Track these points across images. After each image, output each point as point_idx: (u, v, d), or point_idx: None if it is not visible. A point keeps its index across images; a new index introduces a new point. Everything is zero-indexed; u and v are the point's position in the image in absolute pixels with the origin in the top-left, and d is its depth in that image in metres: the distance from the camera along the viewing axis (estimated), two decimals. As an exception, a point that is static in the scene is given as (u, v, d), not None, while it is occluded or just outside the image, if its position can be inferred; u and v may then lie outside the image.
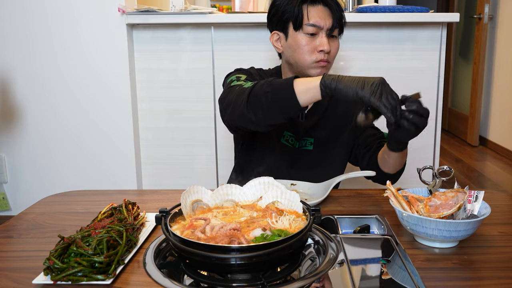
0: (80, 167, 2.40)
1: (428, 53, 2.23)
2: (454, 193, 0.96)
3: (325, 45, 1.27)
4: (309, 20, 1.27)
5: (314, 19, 1.27)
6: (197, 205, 0.97)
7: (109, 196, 1.28)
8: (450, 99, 5.25)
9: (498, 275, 0.82)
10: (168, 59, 2.30)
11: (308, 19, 1.27)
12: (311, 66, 1.30)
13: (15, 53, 2.30)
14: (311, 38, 1.28)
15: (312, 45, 1.28)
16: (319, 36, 1.28)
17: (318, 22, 1.27)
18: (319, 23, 1.27)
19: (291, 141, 1.40)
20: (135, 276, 0.82)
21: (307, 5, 1.28)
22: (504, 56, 4.10)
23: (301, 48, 1.29)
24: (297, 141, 1.40)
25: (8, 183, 2.47)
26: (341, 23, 1.31)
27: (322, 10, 1.28)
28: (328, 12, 1.28)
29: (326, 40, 1.27)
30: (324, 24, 1.27)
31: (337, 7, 1.30)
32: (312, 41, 1.28)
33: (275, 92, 1.07)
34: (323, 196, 1.17)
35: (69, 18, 2.26)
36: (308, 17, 1.27)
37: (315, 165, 1.40)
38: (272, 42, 1.37)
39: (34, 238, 1.00)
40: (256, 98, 1.09)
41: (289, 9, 1.29)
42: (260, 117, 1.10)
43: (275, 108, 1.08)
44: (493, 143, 4.28)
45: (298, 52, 1.29)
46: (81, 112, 2.34)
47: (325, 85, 1.01)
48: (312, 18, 1.27)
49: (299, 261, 0.87)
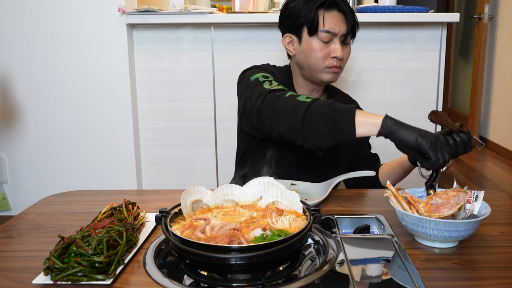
0: (80, 167, 2.40)
1: (428, 53, 2.23)
2: (455, 192, 0.96)
3: (339, 52, 1.28)
4: (324, 26, 1.27)
5: (329, 25, 1.27)
6: (197, 205, 0.97)
7: (109, 196, 1.28)
8: (450, 99, 5.25)
9: (498, 275, 0.82)
10: (168, 59, 2.30)
11: (324, 25, 1.27)
12: (323, 71, 1.31)
13: (15, 53, 2.30)
14: (325, 44, 1.29)
15: (326, 51, 1.29)
16: (333, 42, 1.28)
17: (333, 29, 1.27)
18: (334, 29, 1.27)
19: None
20: (135, 276, 0.82)
21: (323, 11, 1.27)
22: (504, 56, 4.10)
23: (315, 54, 1.29)
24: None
25: (8, 183, 2.47)
26: (354, 29, 1.32)
27: (337, 16, 1.28)
28: (342, 18, 1.28)
29: (340, 47, 1.28)
30: (338, 31, 1.27)
31: (351, 13, 1.30)
32: (326, 47, 1.29)
33: (334, 117, 1.05)
34: (323, 196, 1.17)
35: (69, 18, 2.26)
36: (323, 23, 1.27)
37: (323, 170, 1.40)
38: (284, 44, 1.37)
39: (34, 238, 1.00)
40: (314, 117, 1.07)
41: (304, 13, 1.28)
42: (312, 136, 1.08)
43: (329, 132, 1.06)
44: (493, 143, 4.28)
45: (312, 57, 1.30)
46: (81, 112, 2.34)
47: (386, 126, 1.00)
48: (327, 24, 1.27)
49: (299, 261, 0.87)
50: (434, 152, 0.97)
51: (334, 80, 1.33)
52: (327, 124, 1.05)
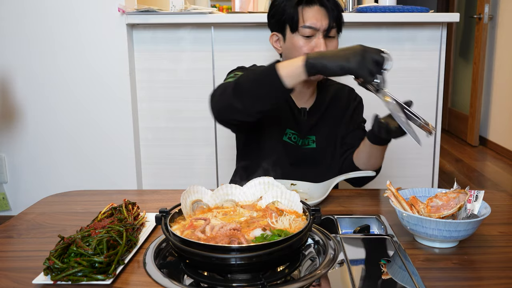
0: (80, 167, 2.40)
1: (428, 53, 2.23)
2: (455, 193, 0.96)
3: (322, 46, 1.26)
4: (305, 22, 1.26)
5: (310, 20, 1.26)
6: (197, 205, 0.97)
7: (109, 196, 1.28)
8: (450, 99, 5.25)
9: (498, 275, 0.82)
10: (168, 59, 2.30)
11: (304, 21, 1.26)
12: None
13: (15, 53, 2.30)
14: (308, 40, 1.28)
15: (309, 47, 1.28)
16: (315, 37, 1.27)
17: (314, 24, 1.26)
18: (315, 24, 1.26)
19: (294, 139, 1.39)
20: (135, 276, 0.82)
21: (303, 7, 1.27)
22: (504, 56, 4.10)
23: (298, 50, 1.29)
24: (300, 139, 1.40)
25: (8, 183, 2.47)
26: (339, 22, 1.30)
27: (318, 10, 1.27)
28: (324, 12, 1.27)
29: (322, 41, 1.27)
30: (320, 25, 1.26)
31: (334, 6, 1.28)
32: (309, 42, 1.28)
33: (259, 78, 1.09)
34: (323, 196, 1.17)
35: (69, 18, 2.26)
36: (304, 18, 1.27)
37: (318, 162, 1.40)
38: (271, 43, 1.37)
39: (34, 238, 1.00)
40: (241, 86, 1.11)
41: (285, 10, 1.28)
42: (247, 105, 1.10)
43: (261, 94, 1.09)
44: (493, 143, 4.28)
45: (295, 54, 1.29)
46: (81, 112, 2.34)
47: (310, 65, 1.03)
48: (308, 19, 1.26)
49: (299, 261, 0.87)
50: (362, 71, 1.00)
51: (320, 77, 1.32)
52: (256, 88, 1.09)
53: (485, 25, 4.25)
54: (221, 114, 1.18)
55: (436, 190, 1.02)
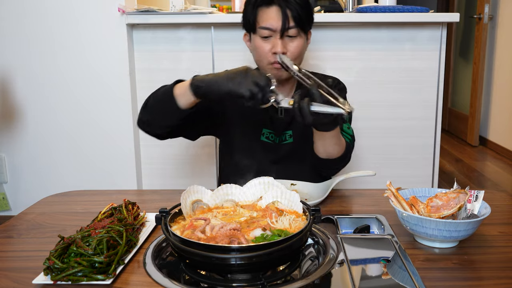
0: (80, 167, 2.40)
1: (428, 53, 2.23)
2: (456, 194, 0.96)
3: (278, 47, 1.26)
4: (262, 23, 1.27)
5: (267, 21, 1.27)
6: (197, 205, 0.97)
7: (109, 196, 1.28)
8: (450, 99, 5.25)
9: (498, 275, 0.82)
10: (168, 59, 2.30)
11: (261, 21, 1.28)
12: (267, 68, 1.31)
13: (15, 53, 2.30)
14: (267, 40, 1.29)
15: (267, 48, 1.28)
16: (273, 38, 1.28)
17: (271, 25, 1.26)
18: (272, 25, 1.26)
19: (271, 138, 1.40)
20: (135, 276, 0.82)
21: (262, 8, 1.28)
22: (504, 56, 4.10)
23: (258, 51, 1.31)
24: (277, 137, 1.40)
25: (8, 183, 2.47)
26: (301, 21, 1.27)
27: (275, 11, 1.26)
28: (281, 12, 1.26)
29: (279, 42, 1.26)
30: (276, 26, 1.26)
31: (295, 6, 1.26)
32: (267, 43, 1.28)
33: (161, 97, 1.19)
34: (323, 196, 1.17)
35: (69, 18, 2.26)
36: (261, 19, 1.28)
37: (298, 157, 1.39)
38: (245, 42, 1.40)
39: (34, 238, 1.00)
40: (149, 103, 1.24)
41: (247, 12, 1.31)
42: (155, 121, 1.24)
43: (163, 112, 1.20)
44: (493, 143, 4.28)
45: (256, 54, 1.32)
46: (81, 112, 2.34)
47: (195, 86, 1.09)
48: (265, 20, 1.27)
49: (299, 261, 0.87)
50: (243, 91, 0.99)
51: (280, 77, 1.31)
52: (158, 106, 1.20)
53: (485, 25, 4.25)
54: (139, 125, 1.29)
55: (436, 190, 1.02)
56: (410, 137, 2.30)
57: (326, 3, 5.89)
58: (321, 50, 2.25)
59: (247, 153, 1.39)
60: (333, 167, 1.31)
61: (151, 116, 1.24)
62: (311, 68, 2.22)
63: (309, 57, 2.24)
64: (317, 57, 2.25)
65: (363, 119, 2.28)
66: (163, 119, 1.22)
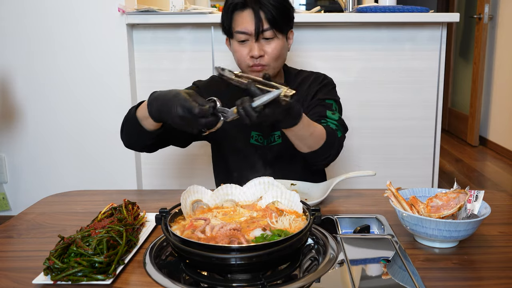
0: (80, 167, 2.40)
1: (428, 53, 2.23)
2: (456, 194, 0.96)
3: (254, 50, 1.26)
4: (237, 27, 1.28)
5: (242, 25, 1.27)
6: (197, 205, 0.97)
7: (109, 196, 1.28)
8: (450, 99, 5.25)
9: (498, 275, 0.82)
10: (168, 59, 2.30)
11: (237, 26, 1.28)
12: (247, 71, 1.32)
13: (15, 52, 2.30)
14: (244, 44, 1.29)
15: (245, 52, 1.29)
16: (250, 41, 1.28)
17: (245, 28, 1.26)
18: (247, 29, 1.26)
19: (260, 140, 1.40)
20: (135, 276, 0.82)
21: (237, 12, 1.28)
22: (504, 56, 4.10)
23: (236, 55, 1.31)
24: (265, 139, 1.40)
25: (8, 183, 2.47)
26: (275, 23, 1.26)
27: (249, 14, 1.26)
28: (254, 15, 1.25)
29: (255, 45, 1.26)
30: (251, 29, 1.26)
31: (270, 7, 1.24)
32: (245, 47, 1.29)
33: (130, 121, 1.20)
34: (323, 196, 1.17)
35: (69, 18, 2.26)
36: (236, 24, 1.28)
37: (288, 157, 1.38)
38: (227, 46, 1.40)
39: (34, 238, 1.00)
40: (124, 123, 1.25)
41: (224, 17, 1.31)
42: (131, 142, 1.26)
43: (135, 135, 1.20)
44: (493, 143, 4.28)
45: (236, 58, 1.33)
46: (81, 112, 2.34)
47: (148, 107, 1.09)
48: (240, 24, 1.27)
49: (299, 261, 0.87)
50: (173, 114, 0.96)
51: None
52: (131, 131, 1.21)
53: (485, 25, 4.25)
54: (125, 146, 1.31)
55: (436, 190, 1.02)
56: (410, 137, 2.30)
57: (326, 3, 5.90)
58: (321, 50, 2.25)
59: (238, 157, 1.40)
60: (321, 158, 1.24)
61: (128, 139, 1.27)
62: (310, 67, 2.22)
63: (309, 57, 2.24)
64: (317, 57, 2.25)
65: (363, 119, 2.28)
66: (137, 140, 1.23)
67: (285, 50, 1.33)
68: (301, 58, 2.24)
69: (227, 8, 1.30)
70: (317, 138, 1.18)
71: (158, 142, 1.25)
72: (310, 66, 2.23)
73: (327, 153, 1.24)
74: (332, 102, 1.37)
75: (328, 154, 1.24)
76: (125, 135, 1.27)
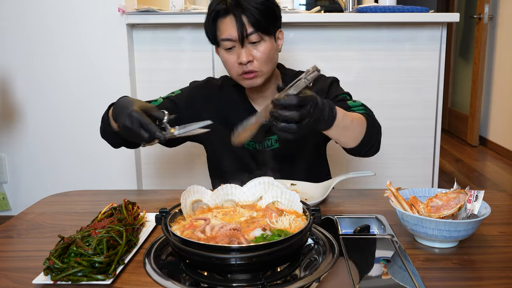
0: (80, 167, 2.40)
1: (428, 53, 2.23)
2: (456, 194, 0.96)
3: (242, 57, 1.22)
4: (222, 35, 1.24)
5: (226, 32, 1.23)
6: (197, 205, 0.97)
7: (109, 196, 1.28)
8: (450, 99, 5.25)
9: (498, 275, 0.82)
10: (168, 59, 2.30)
11: (221, 33, 1.24)
12: (239, 79, 1.29)
13: (15, 52, 2.30)
14: (231, 52, 1.25)
15: (233, 59, 1.25)
16: (237, 48, 1.24)
17: (230, 35, 1.22)
18: (231, 35, 1.22)
19: (252, 145, 1.37)
20: (135, 276, 0.82)
21: (219, 20, 1.24)
22: (504, 56, 4.10)
23: (226, 64, 1.28)
24: (258, 144, 1.37)
25: (8, 183, 2.47)
26: (260, 26, 1.22)
27: (232, 20, 1.22)
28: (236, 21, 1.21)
29: (242, 51, 1.23)
30: (235, 36, 1.22)
31: (253, 10, 1.21)
32: (233, 54, 1.25)
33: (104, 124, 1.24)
34: (323, 196, 1.17)
35: (69, 18, 2.26)
36: (220, 32, 1.25)
37: (287, 161, 1.37)
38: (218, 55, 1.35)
39: (34, 238, 1.00)
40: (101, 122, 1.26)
41: (207, 27, 1.28)
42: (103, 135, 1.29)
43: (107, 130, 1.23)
44: (493, 143, 4.28)
45: (225, 67, 1.29)
46: (81, 112, 2.34)
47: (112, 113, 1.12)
48: (224, 32, 1.23)
49: (299, 261, 0.87)
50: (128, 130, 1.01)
51: (254, 85, 1.28)
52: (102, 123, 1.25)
53: (485, 25, 4.25)
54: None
55: (436, 190, 1.02)
56: (410, 137, 2.30)
57: (326, 3, 5.90)
58: (321, 50, 2.25)
59: (233, 161, 1.37)
60: (369, 145, 1.19)
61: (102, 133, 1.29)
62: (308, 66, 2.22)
63: (309, 57, 2.24)
64: (317, 57, 2.25)
65: (363, 119, 2.27)
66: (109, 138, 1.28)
67: (275, 52, 1.29)
68: (301, 58, 2.24)
69: (209, 16, 1.26)
70: (359, 128, 1.12)
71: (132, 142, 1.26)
72: (310, 66, 2.23)
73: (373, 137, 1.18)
74: (345, 95, 1.33)
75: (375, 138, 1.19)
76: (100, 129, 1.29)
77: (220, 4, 1.23)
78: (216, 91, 1.41)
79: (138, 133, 1.00)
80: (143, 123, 0.99)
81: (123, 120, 1.01)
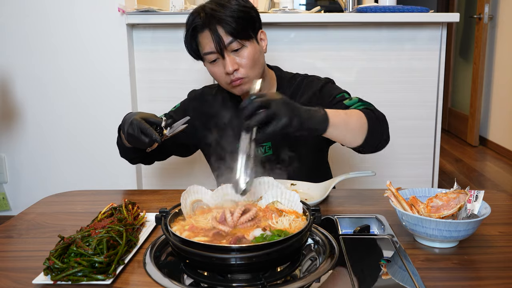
0: (80, 168, 2.40)
1: (428, 53, 2.23)
2: (456, 194, 0.96)
3: (227, 67, 1.23)
4: (204, 50, 1.26)
5: (207, 46, 1.24)
6: (197, 205, 0.97)
7: (109, 196, 1.28)
8: (450, 99, 5.25)
9: (498, 275, 0.82)
10: (168, 59, 2.30)
11: (203, 48, 1.26)
12: (229, 88, 1.30)
13: (15, 52, 2.30)
14: (216, 64, 1.26)
15: (220, 71, 1.26)
16: (220, 59, 1.24)
17: (210, 48, 1.23)
18: (212, 48, 1.23)
19: None
20: (135, 276, 0.82)
21: (198, 34, 1.26)
22: (504, 56, 4.10)
23: (215, 76, 1.29)
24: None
25: (8, 183, 2.47)
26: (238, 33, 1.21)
27: (209, 34, 1.22)
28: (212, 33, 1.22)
29: (226, 61, 1.23)
30: (215, 48, 1.22)
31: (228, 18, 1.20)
32: (218, 66, 1.26)
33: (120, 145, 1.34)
34: (323, 196, 1.17)
35: (69, 18, 2.26)
36: (202, 46, 1.26)
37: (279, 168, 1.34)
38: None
39: (34, 238, 1.00)
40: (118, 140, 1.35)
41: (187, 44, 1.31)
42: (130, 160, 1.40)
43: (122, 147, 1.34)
44: (493, 143, 4.28)
45: (215, 79, 1.31)
46: (81, 112, 2.34)
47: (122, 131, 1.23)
48: (205, 46, 1.24)
49: (299, 261, 0.87)
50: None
51: (244, 90, 1.28)
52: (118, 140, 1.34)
53: (485, 25, 4.25)
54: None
55: (436, 190, 1.02)
56: (410, 137, 2.30)
57: (326, 3, 5.90)
58: (321, 50, 2.25)
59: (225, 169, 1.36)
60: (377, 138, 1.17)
61: (125, 157, 1.39)
62: (310, 67, 2.22)
63: (309, 57, 2.24)
64: (317, 57, 2.25)
65: (363, 119, 2.27)
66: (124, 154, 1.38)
67: (259, 55, 1.28)
68: (301, 58, 2.24)
69: (187, 33, 1.28)
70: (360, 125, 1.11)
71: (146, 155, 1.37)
72: (310, 66, 2.23)
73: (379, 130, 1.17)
74: (342, 94, 1.32)
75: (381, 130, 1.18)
76: (123, 156, 1.40)
77: (196, 20, 1.25)
78: (211, 100, 1.44)
79: (139, 138, 1.13)
80: (143, 127, 1.12)
81: (126, 128, 1.16)
